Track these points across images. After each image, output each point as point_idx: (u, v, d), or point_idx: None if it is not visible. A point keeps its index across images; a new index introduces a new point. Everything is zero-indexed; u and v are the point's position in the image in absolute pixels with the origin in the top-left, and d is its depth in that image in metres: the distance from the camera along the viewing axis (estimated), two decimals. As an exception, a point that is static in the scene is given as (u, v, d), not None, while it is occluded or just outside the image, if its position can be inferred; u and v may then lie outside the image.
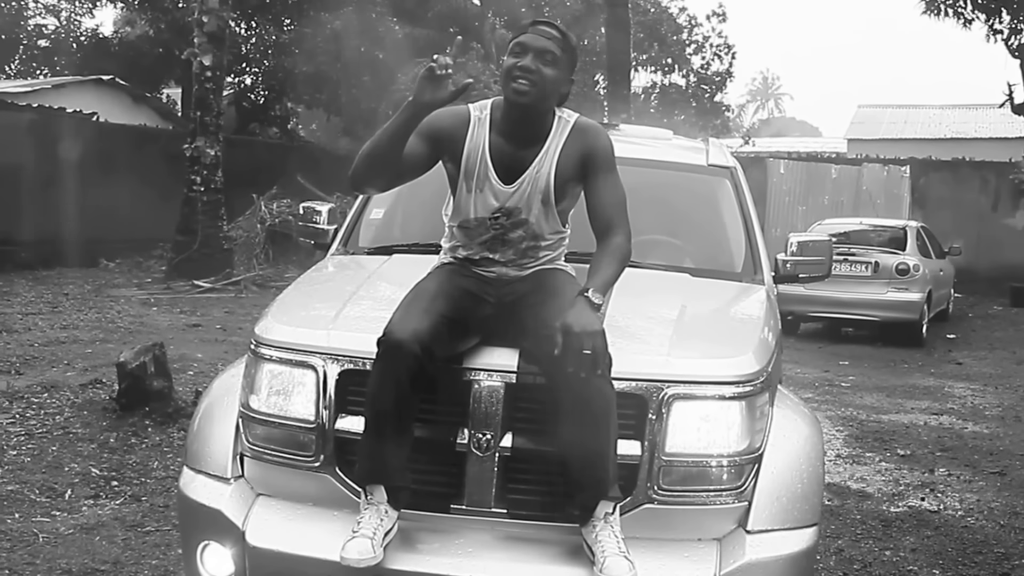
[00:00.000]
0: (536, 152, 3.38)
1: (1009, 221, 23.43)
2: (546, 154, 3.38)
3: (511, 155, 3.38)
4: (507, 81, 3.30)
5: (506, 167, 3.38)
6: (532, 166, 3.37)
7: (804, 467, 3.45)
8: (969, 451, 8.08)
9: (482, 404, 3.14)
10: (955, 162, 24.88)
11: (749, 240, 4.61)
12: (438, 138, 3.37)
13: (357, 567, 2.94)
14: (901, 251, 14.96)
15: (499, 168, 3.38)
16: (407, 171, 3.36)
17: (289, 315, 3.59)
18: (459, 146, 3.40)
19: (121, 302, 14.41)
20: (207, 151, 17.32)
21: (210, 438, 3.53)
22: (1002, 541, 5.89)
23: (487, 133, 3.41)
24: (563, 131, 3.42)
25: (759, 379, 3.31)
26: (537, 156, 3.38)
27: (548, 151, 3.39)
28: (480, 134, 3.41)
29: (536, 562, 3.11)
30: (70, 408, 7.31)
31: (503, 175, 3.38)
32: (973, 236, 21.35)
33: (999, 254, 22.06)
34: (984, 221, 23.14)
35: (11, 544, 4.89)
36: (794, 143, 44.31)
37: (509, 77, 3.29)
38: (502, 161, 3.38)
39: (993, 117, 33.56)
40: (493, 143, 3.40)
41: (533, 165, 3.37)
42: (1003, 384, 11.59)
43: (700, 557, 3.15)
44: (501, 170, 3.38)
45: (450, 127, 3.39)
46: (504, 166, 3.38)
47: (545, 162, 3.38)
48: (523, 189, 3.37)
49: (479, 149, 3.39)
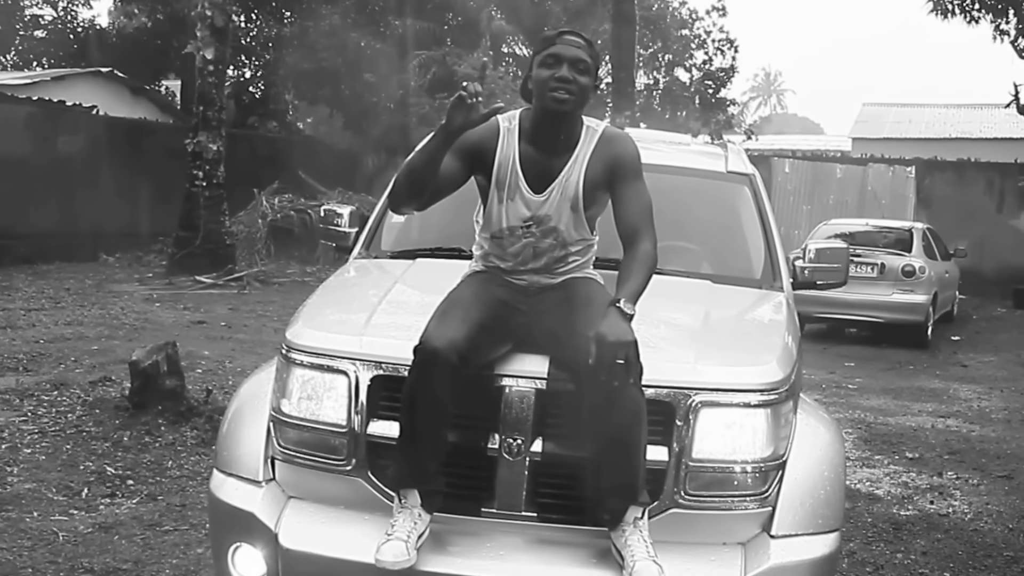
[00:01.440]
0: (566, 160, 3.44)
1: (1014, 223, 23.45)
2: (575, 162, 3.44)
3: (541, 164, 3.44)
4: (544, 91, 3.36)
5: (536, 176, 3.44)
6: (562, 174, 3.43)
7: (827, 473, 3.51)
8: (977, 454, 8.11)
9: (513, 409, 3.19)
10: (960, 163, 24.90)
11: (768, 247, 4.64)
12: (470, 152, 3.43)
13: (392, 569, 2.99)
14: (907, 253, 14.99)
15: (529, 177, 3.44)
16: (443, 189, 3.44)
17: (319, 320, 3.63)
18: (490, 157, 3.46)
19: (124, 298, 14.42)
20: (209, 146, 17.35)
21: (241, 441, 3.56)
22: (1011, 544, 5.93)
23: (516, 143, 3.47)
24: (592, 139, 3.48)
25: (784, 387, 3.37)
26: (567, 164, 3.44)
27: (577, 159, 3.44)
28: (510, 144, 3.47)
29: (565, 565, 3.16)
30: (82, 406, 7.34)
31: (533, 184, 3.44)
32: (977, 237, 21.35)
33: (1003, 256, 22.09)
34: (989, 222, 23.14)
35: (32, 543, 4.92)
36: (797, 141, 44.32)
37: (546, 88, 3.34)
38: (532, 170, 3.44)
39: (998, 117, 33.54)
40: (523, 152, 3.46)
41: (563, 173, 3.43)
42: (1009, 387, 11.62)
43: (725, 561, 3.21)
44: (531, 179, 3.44)
45: (480, 141, 3.45)
46: (534, 175, 3.44)
47: (574, 170, 3.43)
48: (553, 198, 3.43)
49: (509, 159, 3.45)
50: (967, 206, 23.42)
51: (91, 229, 19.29)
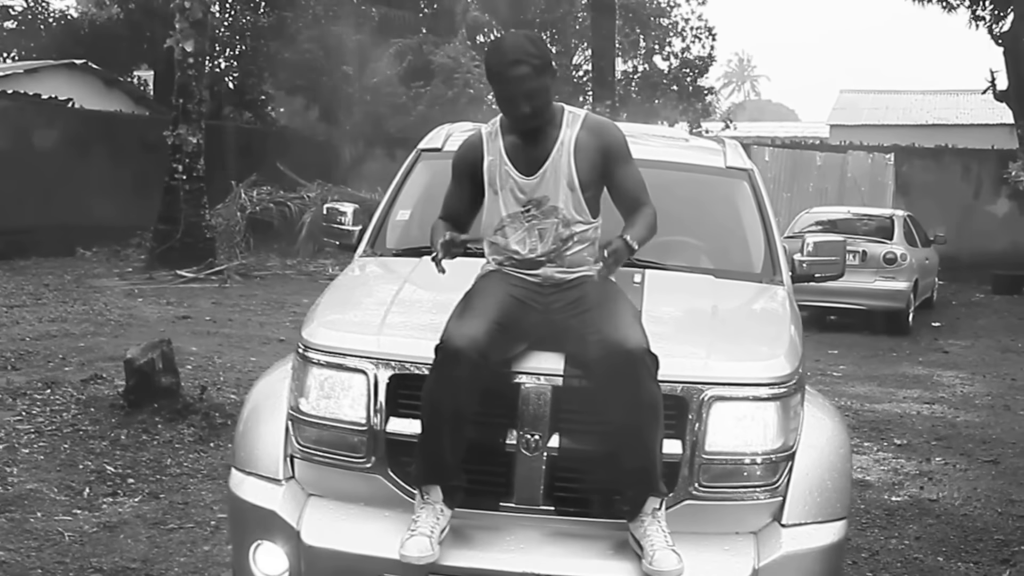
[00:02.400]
0: (552, 145, 3.53)
1: (991, 208, 23.70)
2: (562, 144, 3.53)
3: (528, 152, 3.55)
4: (508, 112, 3.50)
5: (525, 163, 3.54)
6: (551, 157, 3.52)
7: (834, 463, 3.60)
8: (963, 440, 8.23)
9: (530, 406, 3.25)
10: (938, 149, 25.11)
11: (768, 241, 4.71)
12: (467, 170, 3.63)
13: (417, 564, 3.06)
14: (888, 240, 15.12)
15: (519, 165, 3.54)
16: (468, 213, 3.74)
17: (335, 320, 3.67)
18: (480, 162, 3.58)
19: (105, 293, 14.33)
20: (189, 139, 17.27)
21: (258, 440, 3.61)
22: (1001, 528, 6.05)
23: (501, 140, 3.58)
24: (575, 124, 3.57)
25: (792, 380, 3.45)
26: (554, 147, 3.53)
27: (564, 142, 3.53)
28: (495, 144, 3.59)
29: (584, 557, 3.22)
30: (76, 405, 7.34)
31: (524, 170, 3.53)
32: (955, 223, 21.55)
33: (981, 241, 22.29)
34: (966, 208, 23.38)
35: (39, 544, 4.94)
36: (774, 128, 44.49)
37: (509, 112, 3.49)
38: (520, 158, 3.54)
39: (974, 103, 33.75)
40: (508, 145, 3.57)
41: (551, 156, 3.52)
42: (990, 372, 11.77)
43: (739, 550, 3.29)
44: (521, 167, 3.54)
45: (471, 155, 3.64)
46: (523, 162, 3.54)
47: (563, 152, 3.52)
48: (546, 178, 3.51)
49: (498, 154, 3.57)
50: (945, 192, 23.64)
51: (67, 223, 19.12)
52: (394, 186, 5.01)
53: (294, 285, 16.51)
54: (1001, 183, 23.79)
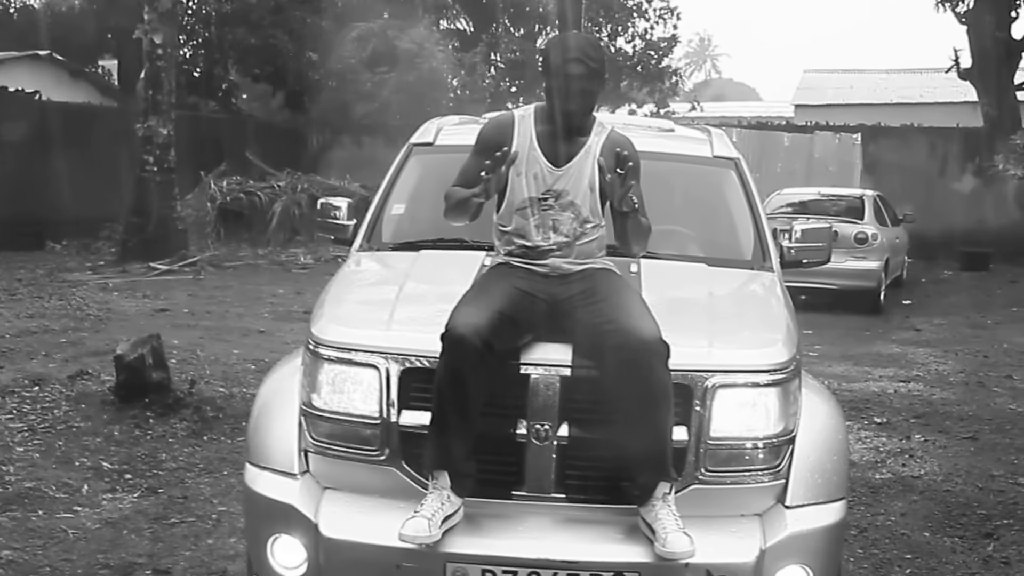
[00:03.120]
0: (580, 146, 3.68)
1: (957, 186, 23.97)
2: (589, 148, 3.68)
3: (557, 145, 3.68)
4: (556, 107, 3.64)
5: (553, 154, 3.67)
6: (579, 156, 3.67)
7: (832, 445, 3.73)
8: (940, 417, 8.40)
9: (539, 396, 3.35)
10: (903, 128, 25.33)
11: (757, 228, 4.82)
12: (492, 147, 3.62)
13: (412, 544, 3.16)
14: (859, 220, 15.28)
15: (548, 154, 3.67)
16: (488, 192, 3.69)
17: (343, 316, 3.74)
18: (508, 144, 3.64)
19: (80, 287, 14.17)
20: (160, 130, 17.16)
21: (272, 436, 3.67)
22: (982, 503, 6.20)
23: (533, 127, 3.71)
24: (602, 134, 3.73)
25: (791, 366, 3.58)
26: (582, 149, 3.68)
27: (591, 147, 3.68)
28: (526, 128, 3.71)
29: (595, 542, 3.32)
30: (66, 401, 7.34)
31: (552, 161, 3.67)
32: (921, 201, 21.75)
33: (947, 219, 22.52)
34: (932, 187, 23.62)
35: (43, 541, 4.99)
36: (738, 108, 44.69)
37: (561, 103, 3.62)
38: (550, 148, 3.68)
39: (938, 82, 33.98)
40: (540, 134, 3.70)
41: (579, 155, 3.67)
42: (962, 350, 11.96)
43: (746, 532, 3.40)
44: (549, 156, 3.67)
45: (498, 133, 3.72)
46: (551, 153, 3.67)
47: (589, 155, 3.66)
48: (571, 174, 3.65)
49: (527, 139, 3.69)
50: (911, 171, 23.87)
51: (36, 217, 18.93)
52: (388, 180, 5.06)
53: (268, 275, 16.50)
54: (967, 161, 24.10)
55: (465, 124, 5.48)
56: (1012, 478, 6.70)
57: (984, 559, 5.32)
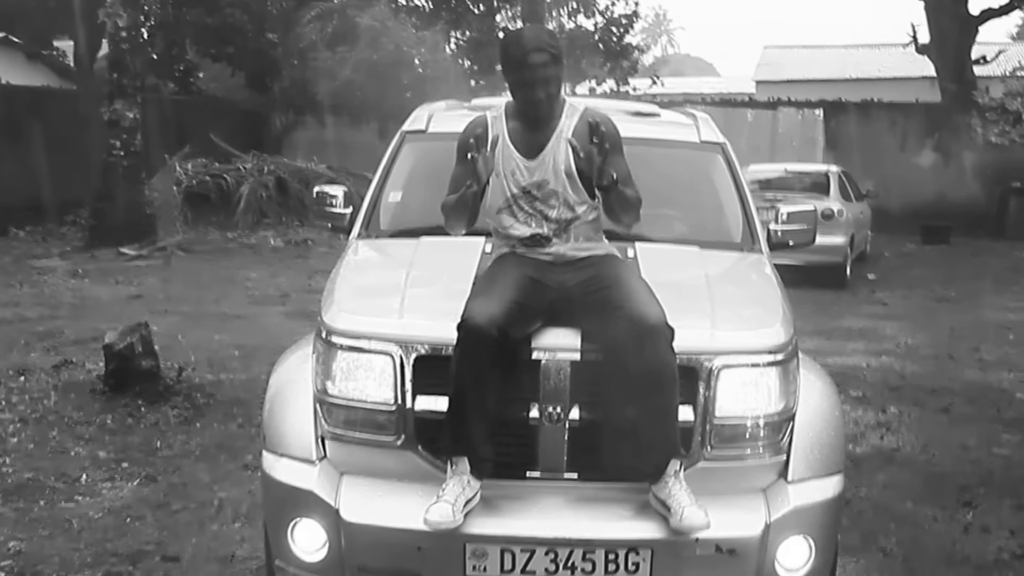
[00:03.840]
0: (551, 133, 3.78)
1: (917, 160, 24.31)
2: (560, 133, 3.78)
3: (529, 138, 3.79)
4: (522, 99, 3.77)
5: (526, 147, 3.78)
6: (550, 143, 3.77)
7: (829, 421, 3.87)
8: (913, 390, 8.61)
9: (551, 380, 3.45)
10: (864, 104, 25.64)
11: (745, 211, 4.96)
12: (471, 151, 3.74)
13: (437, 529, 3.27)
14: (825, 196, 15.46)
15: (520, 149, 3.78)
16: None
17: (354, 305, 3.82)
18: (485, 146, 3.75)
19: (50, 274, 14.14)
20: (126, 114, 17.08)
21: (287, 424, 3.75)
22: (960, 473, 6.41)
23: (504, 125, 3.83)
24: (573, 116, 3.83)
25: (790, 346, 3.71)
26: (554, 134, 3.78)
27: (562, 131, 3.78)
28: (498, 127, 3.83)
29: (608, 520, 3.44)
30: (55, 391, 7.37)
31: (525, 154, 3.77)
32: (882, 176, 22.04)
33: (908, 193, 22.85)
34: (893, 161, 23.94)
35: (48, 531, 5.04)
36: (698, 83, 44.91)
37: (524, 97, 3.75)
38: (522, 143, 3.79)
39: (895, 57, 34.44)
40: (511, 130, 3.81)
41: (551, 142, 3.77)
42: (929, 323, 12.23)
43: (751, 507, 3.54)
44: (523, 150, 3.78)
45: (475, 137, 3.77)
46: (524, 147, 3.78)
47: (561, 140, 3.76)
48: (546, 163, 3.75)
49: (500, 138, 3.79)
50: (872, 146, 24.18)
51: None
52: (383, 168, 5.14)
53: (239, 259, 16.50)
54: (926, 136, 24.44)
55: (454, 110, 5.57)
56: (986, 448, 6.92)
57: (964, 527, 5.51)
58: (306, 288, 13.36)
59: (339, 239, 16.66)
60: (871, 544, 5.24)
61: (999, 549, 5.22)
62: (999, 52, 25.58)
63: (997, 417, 7.77)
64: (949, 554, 5.15)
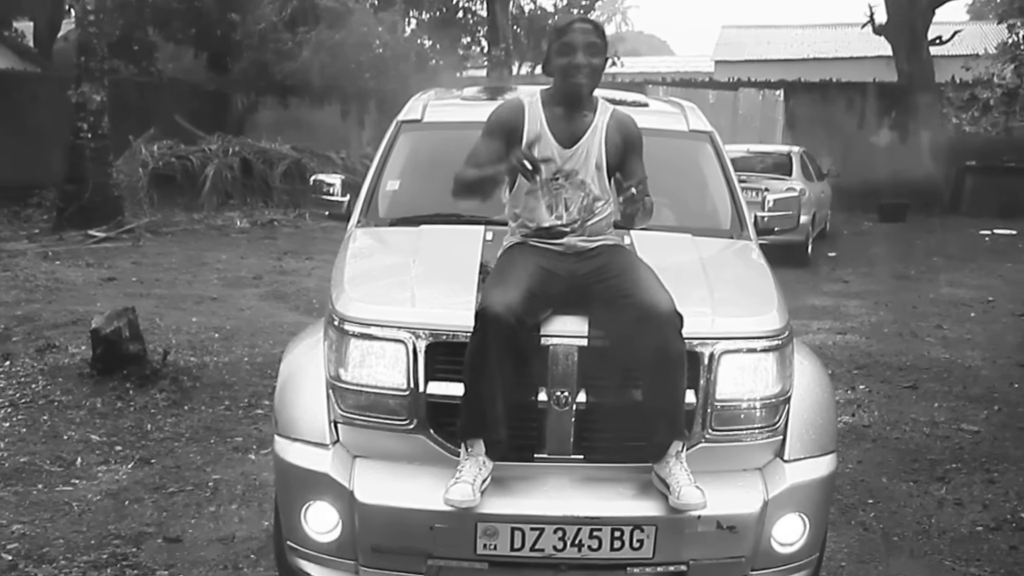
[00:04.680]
0: (587, 125, 3.93)
1: (874, 139, 24.67)
2: (596, 128, 3.93)
3: (566, 126, 3.92)
4: (564, 76, 3.85)
5: (562, 135, 3.91)
6: (586, 136, 3.91)
7: (821, 402, 4.05)
8: (880, 368, 8.85)
9: (559, 365, 3.59)
10: (823, 84, 25.97)
11: (733, 199, 5.12)
12: (504, 132, 3.91)
13: (459, 507, 3.40)
14: (787, 176, 15.73)
15: (557, 136, 3.91)
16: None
17: (364, 293, 3.91)
18: (520, 128, 3.90)
19: (20, 257, 14.05)
20: (93, 97, 16.93)
21: (300, 409, 3.85)
22: (931, 448, 6.64)
23: (541, 110, 3.95)
24: (606, 113, 3.98)
25: (786, 332, 3.88)
26: (589, 128, 3.93)
27: (597, 127, 3.93)
28: (535, 112, 3.95)
29: (614, 499, 3.59)
30: (42, 375, 7.43)
31: (561, 143, 3.90)
32: (840, 155, 22.43)
33: (866, 172, 23.22)
34: (851, 140, 24.31)
35: (50, 514, 5.12)
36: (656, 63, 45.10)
37: (566, 73, 3.84)
38: (558, 130, 3.91)
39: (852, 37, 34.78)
40: (548, 116, 3.93)
41: (587, 135, 3.91)
42: (891, 301, 12.51)
43: (749, 485, 3.70)
44: (559, 138, 3.91)
45: (510, 118, 3.94)
46: (560, 134, 3.91)
47: (596, 134, 3.92)
48: (579, 154, 3.89)
49: (537, 122, 3.92)
50: (830, 125, 24.55)
51: (-40, 186, 18.68)
52: (380, 157, 5.23)
53: (207, 241, 16.48)
54: (883, 115, 24.80)
55: (446, 98, 5.69)
56: (955, 424, 7.15)
57: (939, 501, 5.73)
58: (277, 270, 13.43)
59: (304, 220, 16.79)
60: (851, 518, 5.45)
61: (973, 523, 5.44)
62: (955, 32, 25.93)
63: (963, 394, 8.01)
64: (926, 528, 5.36)
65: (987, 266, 15.67)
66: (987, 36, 28.73)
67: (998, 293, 13.05)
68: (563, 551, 3.51)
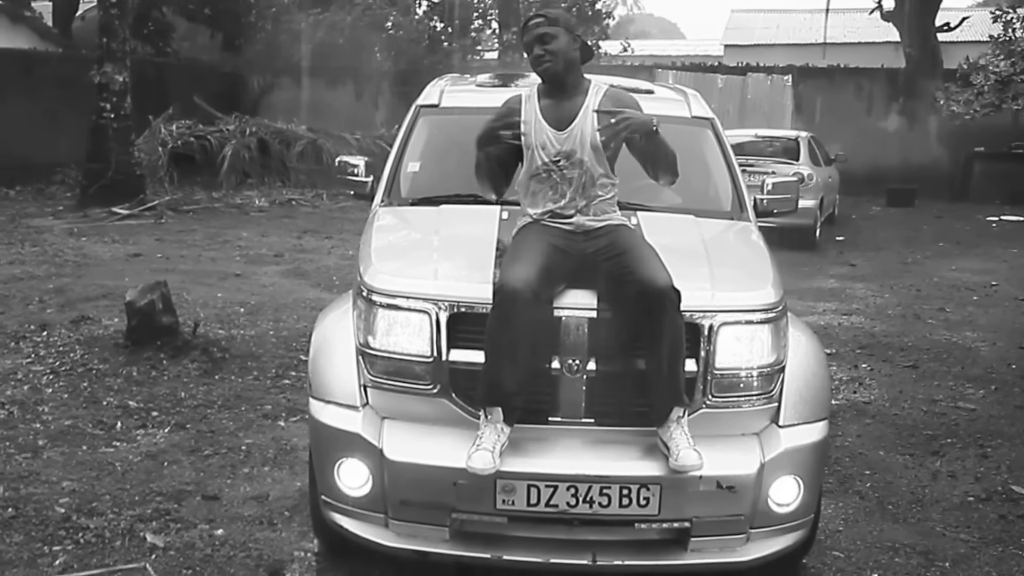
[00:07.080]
0: (579, 108, 4.26)
1: (882, 125, 24.88)
2: (587, 109, 4.25)
3: (559, 112, 4.27)
4: (535, 69, 4.31)
5: (556, 120, 4.25)
6: (578, 117, 4.23)
7: (815, 372, 4.37)
8: (883, 348, 9.15)
9: (571, 335, 3.93)
10: (831, 69, 26.18)
11: (734, 182, 5.44)
12: (507, 127, 4.30)
13: (482, 474, 3.73)
14: (795, 161, 15.96)
15: (551, 122, 4.25)
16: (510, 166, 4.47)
17: (391, 266, 4.24)
18: (519, 122, 4.28)
19: (48, 233, 14.37)
20: (116, 77, 17.24)
21: (333, 373, 4.18)
22: (928, 425, 6.95)
23: (536, 102, 4.32)
24: (598, 93, 4.31)
25: (781, 305, 4.19)
26: (581, 109, 4.25)
27: (588, 107, 4.25)
28: (531, 105, 4.32)
29: (620, 460, 3.92)
30: (79, 345, 7.78)
31: (555, 127, 4.24)
32: (849, 140, 22.58)
33: (874, 157, 23.42)
34: (860, 126, 24.50)
35: (96, 473, 5.48)
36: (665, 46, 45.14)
37: (535, 66, 4.30)
38: (552, 117, 4.26)
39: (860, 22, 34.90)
40: (543, 106, 4.30)
41: (579, 116, 4.24)
42: (896, 283, 12.79)
43: (747, 448, 4.02)
44: (553, 124, 4.25)
45: (510, 115, 4.33)
46: (555, 120, 4.25)
47: (587, 115, 4.23)
48: (574, 135, 4.21)
49: (533, 113, 4.28)
50: (839, 111, 24.74)
51: (-14, 163, 19.01)
52: (400, 140, 5.54)
53: (228, 219, 16.80)
54: (892, 100, 24.99)
55: (462, 84, 6.04)
56: (952, 402, 7.47)
57: (933, 473, 6.05)
58: (297, 248, 13.75)
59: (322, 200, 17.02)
60: (848, 488, 5.76)
61: (965, 493, 5.75)
62: (963, 18, 26.10)
63: (962, 373, 8.32)
64: (919, 497, 5.67)
65: (993, 251, 15.92)
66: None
67: (1002, 278, 13.32)
68: (576, 507, 3.84)
